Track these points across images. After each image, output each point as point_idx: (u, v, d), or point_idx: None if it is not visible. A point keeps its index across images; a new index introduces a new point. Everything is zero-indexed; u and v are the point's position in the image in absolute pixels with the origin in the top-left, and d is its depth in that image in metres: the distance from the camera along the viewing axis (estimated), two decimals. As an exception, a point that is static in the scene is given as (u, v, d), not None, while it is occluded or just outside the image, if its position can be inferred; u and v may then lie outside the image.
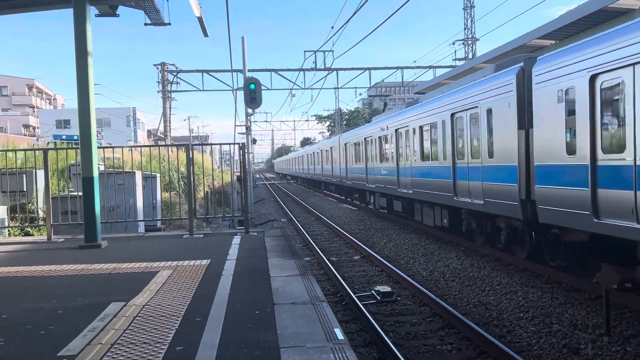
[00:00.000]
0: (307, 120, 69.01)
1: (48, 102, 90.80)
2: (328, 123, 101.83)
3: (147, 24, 9.47)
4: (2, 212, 10.71)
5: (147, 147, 13.50)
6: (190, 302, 4.79)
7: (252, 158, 26.64)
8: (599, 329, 7.16)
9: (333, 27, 20.84)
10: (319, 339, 3.88)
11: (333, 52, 28.84)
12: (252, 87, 19.83)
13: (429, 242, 15.03)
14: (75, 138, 27.14)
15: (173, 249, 8.42)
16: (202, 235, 9.74)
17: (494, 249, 12.49)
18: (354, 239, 15.71)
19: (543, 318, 7.83)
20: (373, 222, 20.53)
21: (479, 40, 35.70)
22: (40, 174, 12.32)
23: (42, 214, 12.03)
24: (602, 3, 12.35)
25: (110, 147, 12.10)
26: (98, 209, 8.49)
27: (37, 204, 12.17)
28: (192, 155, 9.63)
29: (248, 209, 10.13)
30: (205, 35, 9.33)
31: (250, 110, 20.32)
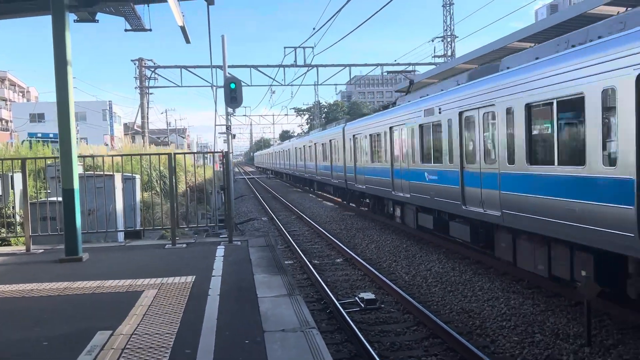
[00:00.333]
0: (286, 115, 68.65)
1: (21, 94, 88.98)
2: (307, 116, 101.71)
3: (127, 30, 9.31)
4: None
5: (128, 155, 13.27)
6: (179, 329, 4.73)
7: (231, 150, 26.38)
8: (580, 339, 7.29)
9: (315, 28, 20.62)
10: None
11: (313, 48, 28.76)
12: (232, 86, 19.55)
13: (411, 243, 15.13)
14: (52, 136, 26.71)
15: (156, 262, 8.31)
16: (184, 245, 9.63)
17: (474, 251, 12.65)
18: (336, 240, 15.74)
19: (525, 327, 7.95)
20: (354, 221, 20.58)
21: (458, 38, 36.02)
22: (17, 177, 12.09)
23: (19, 219, 11.81)
24: (581, 9, 12.53)
25: (91, 156, 11.88)
26: (79, 222, 8.34)
27: (14, 209, 11.93)
28: (174, 164, 9.52)
29: (231, 218, 10.04)
30: (187, 42, 9.20)
31: (231, 110, 20.10)
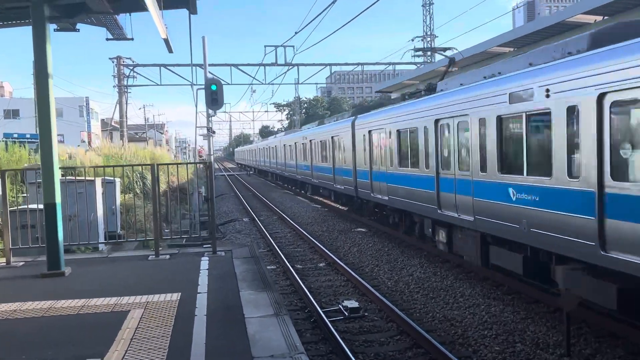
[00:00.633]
0: (266, 112, 68.37)
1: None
2: (287, 112, 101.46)
3: (108, 39, 9.21)
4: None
5: (111, 167, 13.15)
6: (167, 355, 4.74)
7: (212, 152, 26.04)
8: (560, 348, 7.46)
9: (297, 32, 20.64)
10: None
11: (294, 47, 28.65)
12: (213, 88, 19.40)
13: (392, 246, 15.24)
14: (28, 136, 26.27)
15: (141, 277, 8.27)
16: (168, 257, 9.59)
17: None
18: (318, 244, 15.79)
19: (506, 336, 8.10)
20: (336, 222, 20.66)
21: (438, 37, 36.47)
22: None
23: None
24: (560, 17, 12.76)
25: (73, 167, 11.73)
26: (61, 236, 8.26)
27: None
28: (157, 175, 9.46)
29: (215, 230, 10.03)
30: (170, 52, 9.14)
31: (212, 112, 19.98)
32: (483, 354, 7.56)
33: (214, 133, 23.49)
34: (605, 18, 12.35)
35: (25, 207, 10.42)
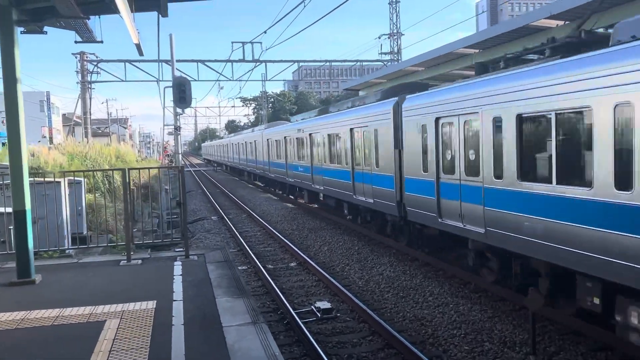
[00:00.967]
0: (233, 107, 67.91)
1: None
2: (254, 106, 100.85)
3: (77, 42, 9.07)
4: None
5: (80, 172, 12.92)
6: (148, 369, 4.78)
7: (180, 150, 25.71)
8: (526, 347, 7.76)
9: (266, 32, 20.53)
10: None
11: (261, 43, 28.53)
12: (181, 86, 19.32)
13: (362, 245, 15.44)
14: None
15: (114, 284, 8.19)
16: (140, 262, 9.53)
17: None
18: (289, 242, 15.88)
19: (475, 335, 8.36)
20: (306, 220, 20.77)
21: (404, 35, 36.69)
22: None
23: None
24: (524, 21, 13.13)
25: (42, 172, 11.51)
26: (31, 244, 8.12)
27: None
28: (128, 180, 9.38)
29: (187, 233, 10.01)
30: (141, 55, 9.06)
31: (180, 110, 19.84)
32: (453, 354, 7.80)
33: (179, 130, 23.23)
34: (567, 23, 12.79)
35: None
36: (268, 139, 29.93)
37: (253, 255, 14.31)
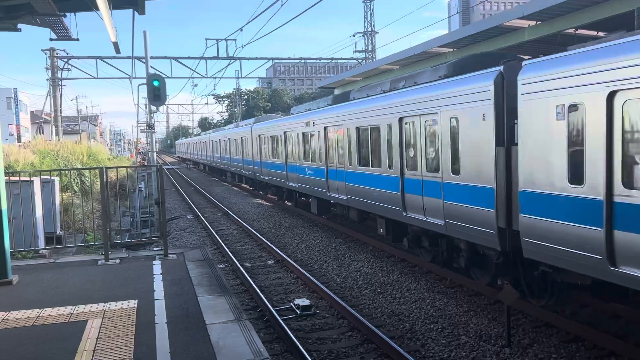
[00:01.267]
0: (206, 104, 67.27)
1: None
2: (227, 103, 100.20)
3: (52, 39, 8.94)
4: None
5: (57, 170, 12.74)
6: (133, 368, 4.80)
7: (154, 148, 25.32)
8: (501, 339, 7.97)
9: (242, 29, 20.44)
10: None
11: (236, 40, 28.36)
12: (155, 83, 19.15)
13: (339, 242, 15.57)
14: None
15: (94, 284, 8.13)
16: (118, 261, 9.47)
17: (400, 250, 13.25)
18: (266, 240, 15.91)
19: (451, 329, 8.55)
20: (282, 219, 20.82)
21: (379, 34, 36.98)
22: None
23: None
24: (496, 21, 13.41)
25: (18, 171, 11.32)
26: (7, 244, 8.02)
27: None
28: (106, 179, 9.31)
29: (166, 232, 9.99)
30: (118, 53, 8.98)
31: (155, 108, 19.65)
32: (430, 347, 7.97)
33: (153, 127, 23.03)
34: (538, 23, 13.11)
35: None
36: (259, 135, 25.51)
37: (230, 254, 14.31)
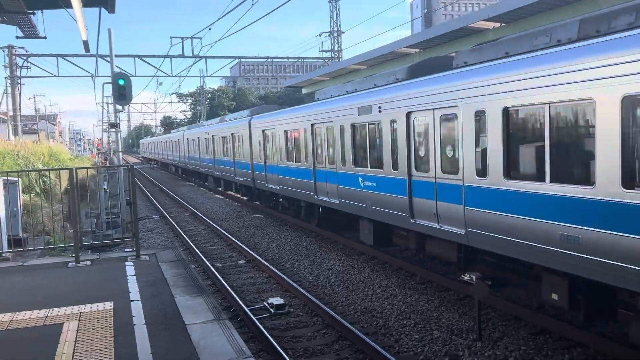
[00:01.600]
0: (170, 102, 66.30)
1: None
2: (190, 102, 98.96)
3: (19, 37, 8.73)
4: None
5: (25, 172, 12.43)
6: (116, 372, 4.77)
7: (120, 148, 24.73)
8: (472, 333, 8.19)
9: (210, 28, 20.28)
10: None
11: (201, 39, 28.14)
12: (121, 82, 18.86)
13: (310, 241, 15.65)
14: None
15: (66, 286, 7.98)
16: (89, 263, 9.33)
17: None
18: (236, 240, 15.87)
19: (424, 324, 8.74)
20: (252, 218, 20.77)
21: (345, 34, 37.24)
22: None
23: None
24: (463, 22, 13.71)
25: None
26: (-26, 247, 7.81)
27: None
28: (76, 180, 9.15)
29: (138, 232, 9.88)
30: (87, 51, 8.84)
31: (120, 107, 19.35)
32: (404, 342, 8.13)
33: (118, 127, 22.70)
34: (503, 25, 13.48)
35: None
36: (264, 130, 19.80)
37: (200, 254, 14.23)
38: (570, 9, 12.12)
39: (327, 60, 33.98)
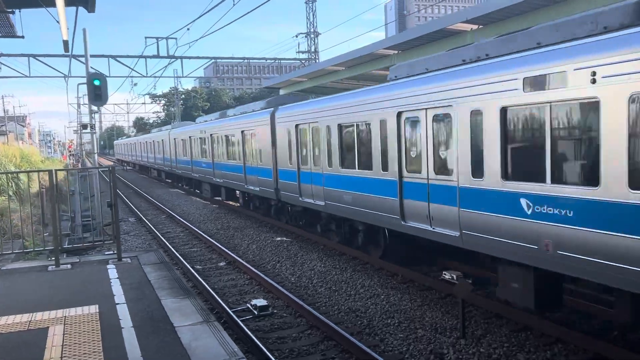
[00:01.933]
0: (143, 103, 65.42)
1: None
2: (163, 102, 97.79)
3: (-5, 37, 8.53)
4: None
5: (3, 174, 12.13)
6: (105, 375, 4.70)
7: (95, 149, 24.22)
8: (456, 331, 8.30)
9: (189, 29, 20.11)
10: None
11: (177, 39, 27.87)
12: (96, 82, 18.55)
13: (291, 241, 15.64)
14: None
15: (48, 289, 7.81)
16: (69, 266, 9.15)
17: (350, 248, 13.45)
18: (215, 242, 15.76)
19: (408, 323, 8.82)
20: (230, 219, 20.64)
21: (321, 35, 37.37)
22: None
23: None
24: (442, 24, 13.88)
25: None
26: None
27: None
28: (56, 182, 8.98)
29: (119, 235, 9.74)
30: (67, 52, 8.68)
31: (95, 108, 19.02)
32: (389, 342, 8.19)
33: (94, 128, 22.32)
34: (480, 27, 13.69)
35: None
36: (298, 125, 15.02)
37: (180, 257, 14.10)
38: (538, 14, 12.37)
39: (304, 62, 34.05)
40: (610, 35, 6.35)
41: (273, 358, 7.49)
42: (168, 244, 15.92)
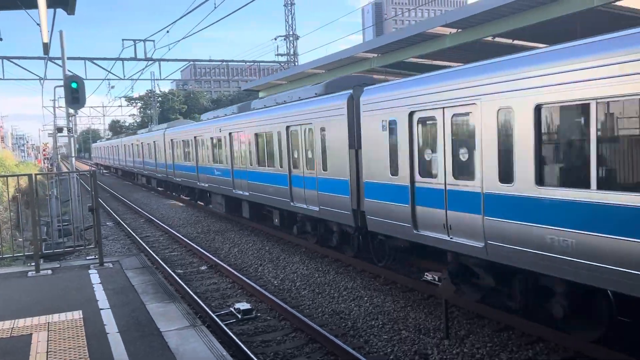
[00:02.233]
0: (120, 106, 64.55)
1: None
2: (140, 105, 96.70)
3: (-28, 39, 8.36)
4: None
5: None
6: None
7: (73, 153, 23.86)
8: (439, 332, 8.39)
9: (168, 31, 19.93)
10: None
11: (154, 42, 27.60)
12: (74, 85, 18.30)
13: (272, 245, 15.61)
14: None
15: (29, 295, 7.68)
16: (50, 272, 9.01)
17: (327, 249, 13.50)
18: (196, 246, 15.67)
19: (392, 325, 8.88)
20: (211, 223, 20.52)
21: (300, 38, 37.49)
22: None
23: None
24: (421, 28, 14.04)
25: None
26: None
27: None
28: (36, 186, 8.84)
29: (101, 240, 9.63)
30: (46, 54, 8.57)
31: (72, 111, 18.78)
32: (374, 343, 8.24)
33: (72, 131, 21.96)
34: (459, 31, 13.89)
35: None
36: (410, 111, 9.68)
37: (160, 261, 13.98)
38: (516, 18, 12.60)
39: (282, 64, 34.04)
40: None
41: (258, 361, 7.50)
42: (148, 248, 15.78)
